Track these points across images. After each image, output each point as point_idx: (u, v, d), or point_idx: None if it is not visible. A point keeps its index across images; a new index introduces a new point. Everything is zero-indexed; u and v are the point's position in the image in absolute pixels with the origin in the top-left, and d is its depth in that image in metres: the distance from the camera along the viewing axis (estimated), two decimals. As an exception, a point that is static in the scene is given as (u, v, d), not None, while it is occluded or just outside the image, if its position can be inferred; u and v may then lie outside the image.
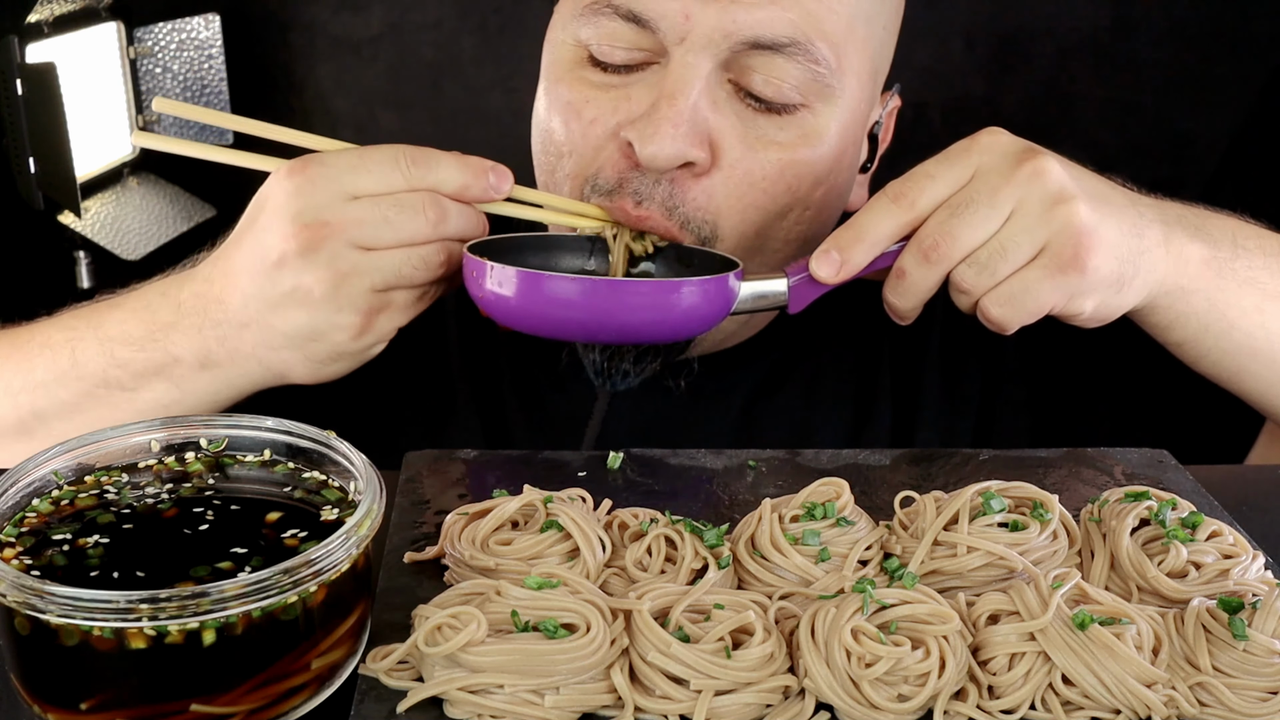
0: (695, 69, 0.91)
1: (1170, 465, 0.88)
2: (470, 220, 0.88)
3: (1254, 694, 0.63)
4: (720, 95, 0.94)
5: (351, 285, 0.85)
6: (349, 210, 0.85)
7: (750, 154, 0.94)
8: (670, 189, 0.94)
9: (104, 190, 2.14)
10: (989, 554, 0.71)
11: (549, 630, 0.62)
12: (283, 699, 0.61)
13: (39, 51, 1.89)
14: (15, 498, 0.66)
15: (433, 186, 0.86)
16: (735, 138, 0.94)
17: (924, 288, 0.87)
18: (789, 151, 0.95)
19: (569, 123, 0.98)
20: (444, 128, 2.39)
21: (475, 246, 0.88)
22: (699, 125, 0.92)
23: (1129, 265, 0.88)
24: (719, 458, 0.87)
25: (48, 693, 0.60)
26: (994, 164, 0.86)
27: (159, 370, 0.91)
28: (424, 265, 0.86)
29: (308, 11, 2.36)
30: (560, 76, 0.98)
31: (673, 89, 0.91)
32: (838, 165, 0.99)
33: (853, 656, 0.62)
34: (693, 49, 0.91)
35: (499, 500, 0.75)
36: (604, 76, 0.96)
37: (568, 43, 0.98)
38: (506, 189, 0.89)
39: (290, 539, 0.65)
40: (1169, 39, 2.31)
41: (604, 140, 0.96)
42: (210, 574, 0.61)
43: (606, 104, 0.96)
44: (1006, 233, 0.85)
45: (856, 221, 0.87)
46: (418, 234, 0.85)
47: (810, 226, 1.00)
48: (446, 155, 0.88)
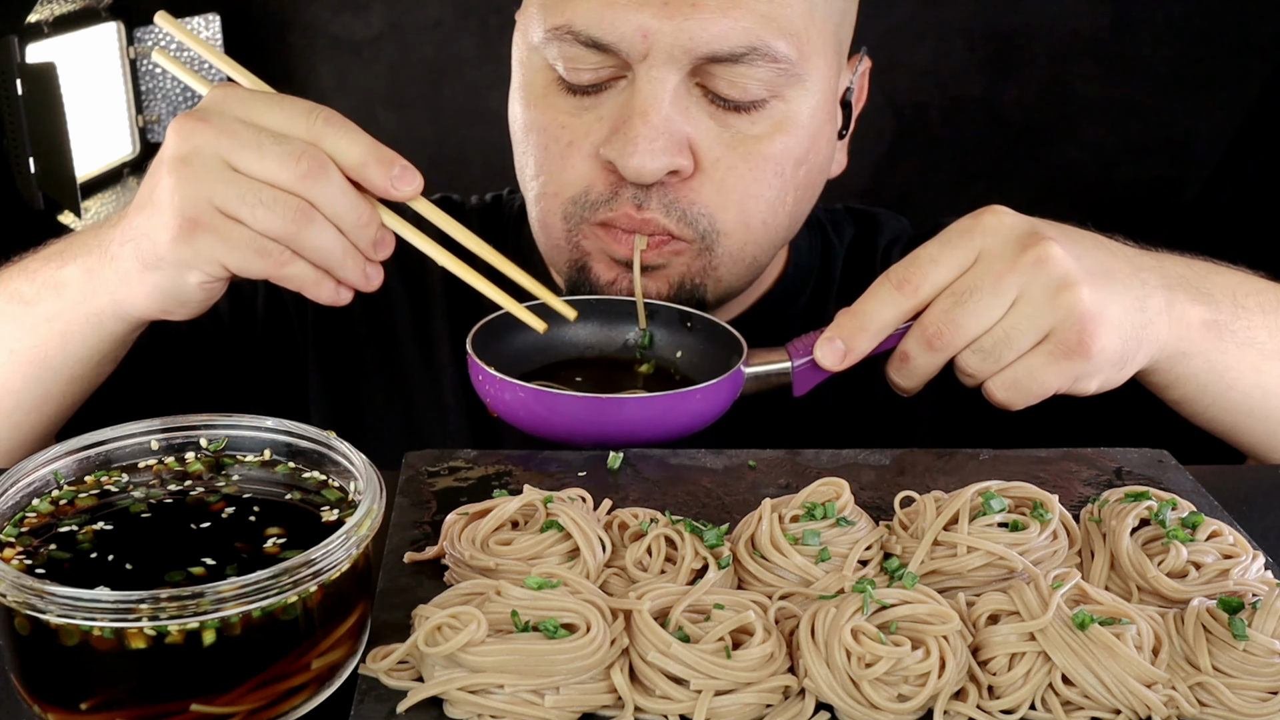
0: (662, 83, 0.94)
1: (1170, 465, 0.88)
2: (350, 207, 0.82)
3: (1254, 694, 0.63)
4: (690, 102, 0.96)
5: (193, 186, 0.81)
6: (240, 130, 0.82)
7: (730, 152, 0.97)
8: (664, 193, 0.97)
9: (104, 190, 2.15)
10: (989, 554, 0.71)
11: (549, 630, 0.62)
12: (283, 699, 0.61)
13: (39, 51, 1.89)
14: (15, 498, 0.66)
15: (331, 151, 0.82)
16: (712, 140, 0.96)
17: (927, 371, 0.89)
18: (766, 143, 0.97)
19: (547, 147, 1.00)
20: (444, 128, 2.39)
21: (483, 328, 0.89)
22: (675, 135, 0.95)
23: (1132, 342, 0.89)
24: (719, 458, 0.87)
25: (48, 693, 0.60)
26: (997, 249, 0.87)
27: (55, 285, 0.92)
28: (273, 210, 0.80)
29: (308, 11, 2.36)
30: (534, 100, 1.01)
31: (644, 105, 0.94)
32: (815, 144, 1.01)
33: (853, 656, 0.62)
34: (655, 64, 0.93)
35: (499, 500, 0.75)
36: (574, 99, 0.98)
37: (536, 63, 1.00)
38: (408, 191, 0.85)
39: (271, 546, 0.64)
40: (1169, 39, 2.31)
41: (583, 163, 0.99)
42: (185, 579, 0.61)
43: (580, 128, 0.98)
44: (1010, 320, 0.86)
45: (861, 309, 0.89)
46: (280, 175, 0.81)
47: (800, 203, 1.03)
48: (363, 134, 0.84)
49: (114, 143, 2.16)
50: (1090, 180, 2.41)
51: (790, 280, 1.17)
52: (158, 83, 2.18)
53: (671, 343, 1.00)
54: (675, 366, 1.01)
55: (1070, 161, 2.39)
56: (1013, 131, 2.38)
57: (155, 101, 2.19)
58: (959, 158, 2.40)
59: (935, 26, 2.30)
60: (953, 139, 2.38)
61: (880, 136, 2.38)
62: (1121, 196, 2.41)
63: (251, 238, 0.82)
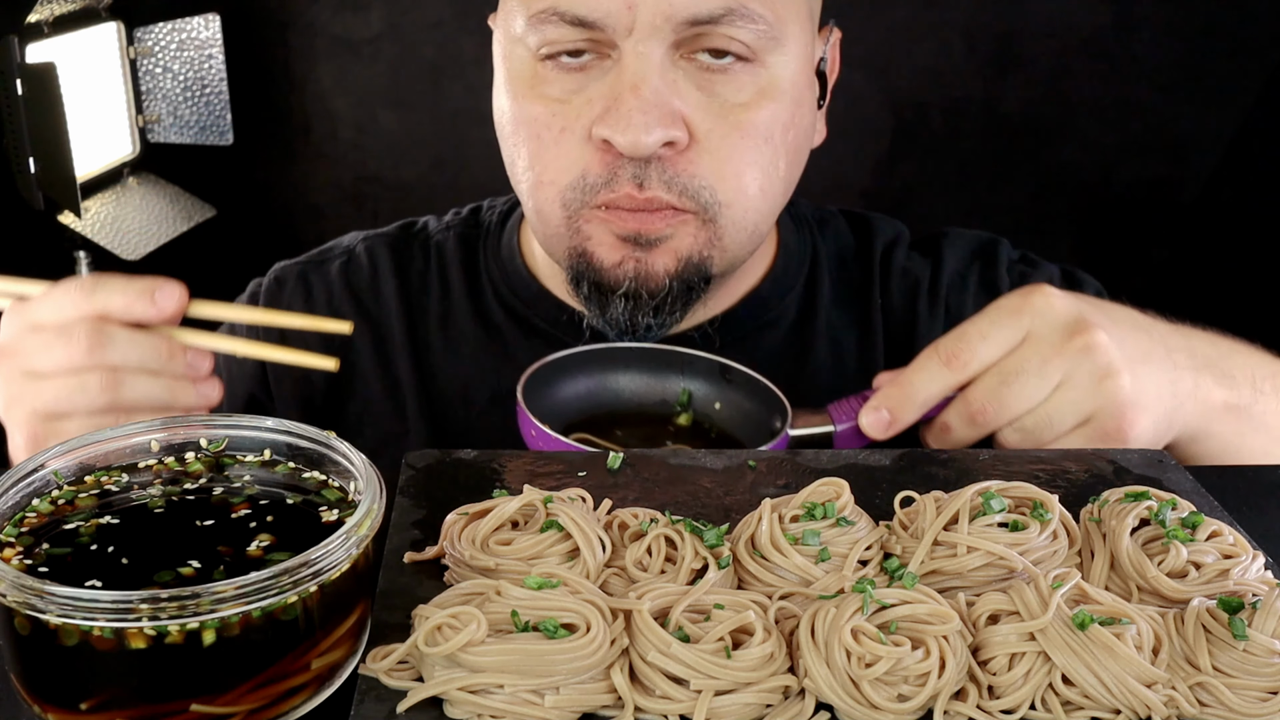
0: (648, 57, 0.95)
1: (1170, 465, 0.88)
2: (146, 351, 0.88)
3: (1254, 694, 0.63)
4: (677, 74, 0.97)
5: (19, 407, 0.89)
6: (26, 339, 0.88)
7: (721, 122, 0.99)
8: (662, 168, 0.98)
9: (104, 190, 2.15)
10: (989, 554, 0.71)
11: (549, 630, 0.62)
12: (283, 699, 0.61)
13: (39, 51, 1.89)
14: (15, 498, 0.66)
15: (101, 311, 0.87)
16: (703, 111, 0.98)
17: (966, 442, 0.92)
18: (754, 111, 0.99)
19: (539, 136, 1.01)
20: (444, 128, 2.39)
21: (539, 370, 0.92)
22: (667, 107, 0.96)
23: (1163, 424, 0.93)
24: (719, 458, 0.87)
25: (48, 693, 0.60)
26: (1045, 331, 0.89)
27: None
28: (84, 391, 0.87)
29: (308, 11, 2.36)
30: (521, 91, 1.02)
31: (633, 79, 0.95)
32: (798, 109, 1.03)
33: (853, 656, 0.62)
34: (641, 37, 0.95)
35: (499, 500, 0.75)
36: (560, 86, 0.99)
37: (520, 55, 1.01)
38: (171, 308, 0.88)
39: (255, 550, 0.64)
40: (1169, 39, 2.31)
41: (577, 147, 1.00)
42: (174, 579, 0.61)
43: (570, 113, 0.99)
44: (1053, 403, 0.89)
45: (907, 380, 0.92)
46: (73, 360, 0.87)
47: (791, 169, 1.06)
48: (115, 279, 0.89)
49: (114, 143, 2.16)
50: (1090, 180, 2.41)
51: (778, 277, 1.17)
52: (158, 83, 2.18)
53: (709, 394, 1.02)
54: (712, 420, 1.02)
55: (1070, 161, 2.39)
56: (1013, 131, 2.38)
57: (155, 101, 2.19)
58: (959, 158, 2.40)
59: (935, 26, 2.30)
60: (953, 139, 2.38)
61: (880, 136, 2.38)
62: (1121, 196, 2.41)
63: (87, 419, 0.88)
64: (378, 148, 2.42)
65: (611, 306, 1.03)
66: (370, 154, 2.42)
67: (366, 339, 1.19)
